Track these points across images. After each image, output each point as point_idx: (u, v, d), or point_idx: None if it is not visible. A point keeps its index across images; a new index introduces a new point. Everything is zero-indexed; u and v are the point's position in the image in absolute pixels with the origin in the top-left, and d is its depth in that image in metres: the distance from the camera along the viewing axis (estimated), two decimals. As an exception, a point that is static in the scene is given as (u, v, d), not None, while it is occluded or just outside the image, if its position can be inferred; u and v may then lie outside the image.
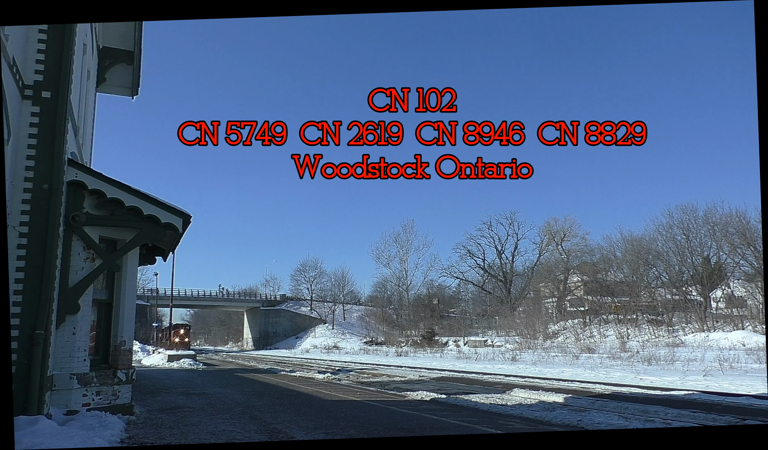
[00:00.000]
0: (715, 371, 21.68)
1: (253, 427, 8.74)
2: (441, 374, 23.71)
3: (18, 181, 8.08)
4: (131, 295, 10.27)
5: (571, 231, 67.26)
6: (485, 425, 9.20)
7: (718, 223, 48.96)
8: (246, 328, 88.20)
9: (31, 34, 8.39)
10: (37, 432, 6.79)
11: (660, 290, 51.96)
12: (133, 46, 13.81)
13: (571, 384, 17.65)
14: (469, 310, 74.44)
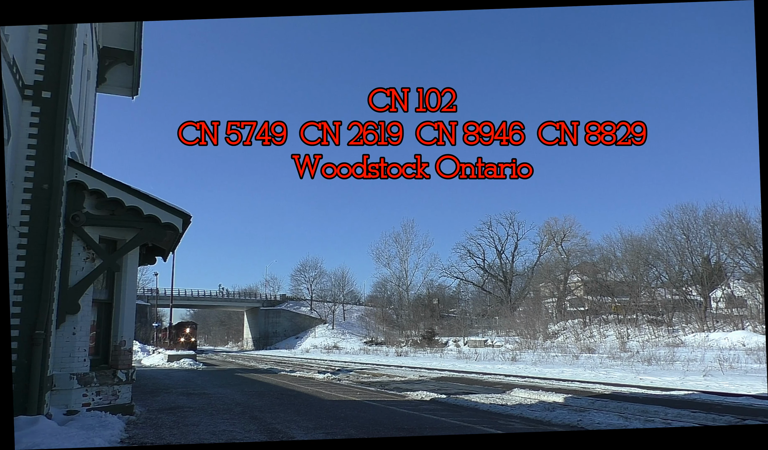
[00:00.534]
0: (715, 371, 21.68)
1: (253, 427, 8.74)
2: (441, 374, 23.71)
3: (18, 181, 8.08)
4: (131, 295, 10.27)
5: (571, 231, 67.36)
6: (485, 425, 9.20)
7: (718, 223, 49.01)
8: (246, 328, 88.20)
9: (31, 34, 8.39)
10: (37, 432, 6.79)
11: (660, 290, 51.95)
12: (133, 46, 13.82)
13: (571, 384, 17.65)
14: (469, 310, 74.44)
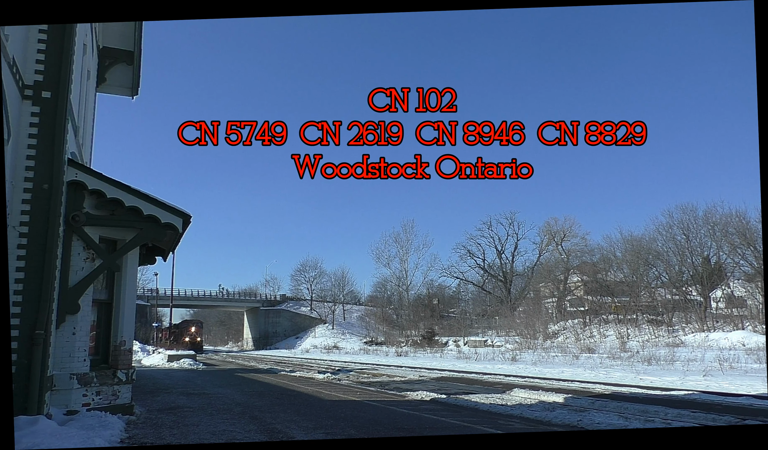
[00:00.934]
0: (715, 371, 21.68)
1: (253, 427, 8.74)
2: (441, 374, 23.71)
3: (18, 181, 8.08)
4: (131, 295, 10.26)
5: (571, 231, 67.33)
6: (485, 425, 9.20)
7: (718, 223, 48.99)
8: (246, 328, 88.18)
9: (31, 34, 8.39)
10: (37, 432, 6.79)
11: (660, 290, 51.94)
12: (133, 46, 13.81)
13: (571, 384, 17.65)
14: (469, 310, 74.42)
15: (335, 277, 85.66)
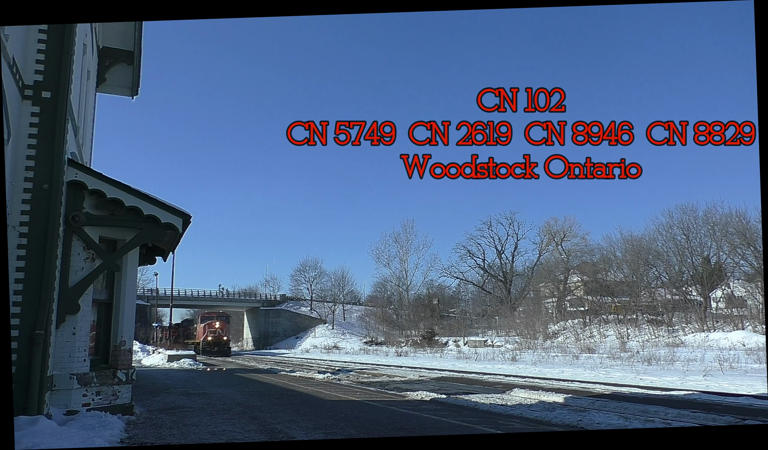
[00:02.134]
0: (715, 371, 21.69)
1: (253, 427, 8.74)
2: (441, 374, 23.72)
3: (18, 181, 8.08)
4: (131, 295, 10.26)
5: (571, 231, 67.29)
6: (485, 425, 9.20)
7: (718, 223, 48.99)
8: (246, 328, 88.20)
9: (31, 34, 8.39)
10: (37, 432, 6.80)
11: (660, 290, 51.94)
12: (133, 46, 13.81)
13: (571, 384, 17.66)
14: (469, 310, 74.41)
15: (335, 277, 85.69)
